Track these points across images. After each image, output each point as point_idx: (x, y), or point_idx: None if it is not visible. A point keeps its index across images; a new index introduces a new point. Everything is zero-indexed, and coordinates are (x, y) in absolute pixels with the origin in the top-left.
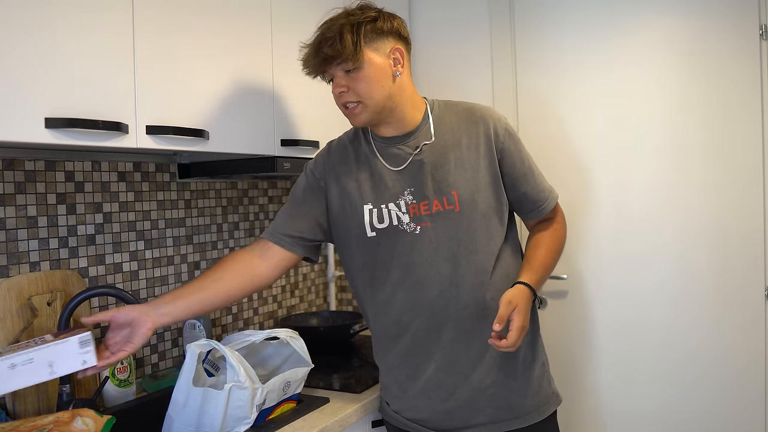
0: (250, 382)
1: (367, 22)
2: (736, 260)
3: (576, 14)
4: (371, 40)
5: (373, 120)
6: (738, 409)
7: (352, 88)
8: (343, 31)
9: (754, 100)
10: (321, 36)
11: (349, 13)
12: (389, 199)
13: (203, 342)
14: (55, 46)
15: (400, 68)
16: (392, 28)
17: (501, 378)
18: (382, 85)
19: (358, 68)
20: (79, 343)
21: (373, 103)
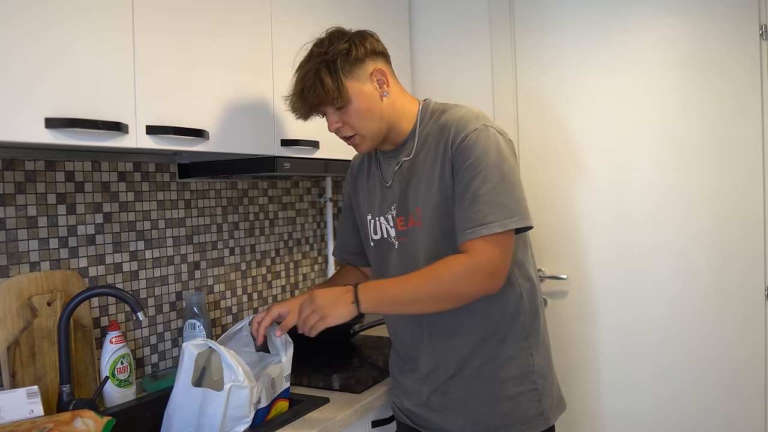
0: (249, 381)
1: (341, 56)
2: (735, 260)
3: (576, 13)
4: (350, 72)
5: (376, 144)
6: (738, 409)
7: (346, 123)
8: (321, 75)
9: (754, 100)
10: (301, 85)
11: (321, 52)
12: (381, 213)
13: (200, 342)
14: (56, 46)
15: (386, 87)
16: (366, 52)
17: (473, 391)
18: (373, 113)
19: (346, 105)
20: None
21: (369, 132)
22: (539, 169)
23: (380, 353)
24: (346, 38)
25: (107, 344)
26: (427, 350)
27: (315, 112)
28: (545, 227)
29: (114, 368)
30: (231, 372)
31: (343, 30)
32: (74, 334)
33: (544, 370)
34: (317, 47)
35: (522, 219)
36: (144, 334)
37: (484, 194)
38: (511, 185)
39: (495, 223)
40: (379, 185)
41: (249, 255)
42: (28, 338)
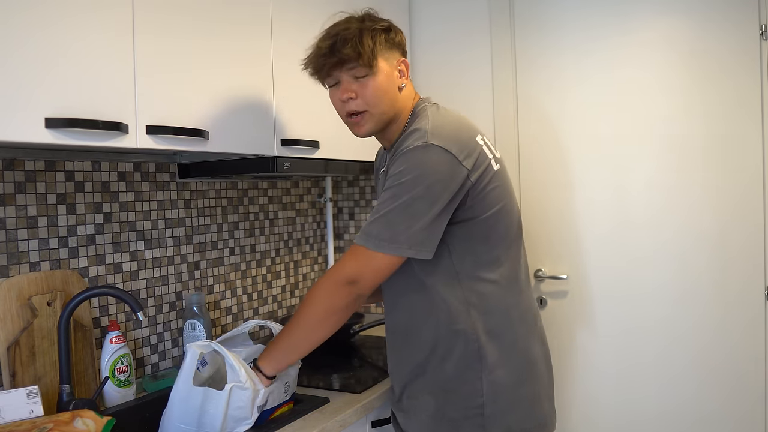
0: (251, 383)
1: (382, 31)
2: (736, 260)
3: (576, 13)
4: (384, 49)
5: (376, 130)
6: (738, 409)
7: (360, 95)
8: (363, 35)
9: (754, 100)
10: (337, 36)
11: (362, 19)
12: None
13: (204, 343)
14: (56, 46)
15: (405, 80)
16: (401, 42)
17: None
18: (389, 96)
19: (370, 75)
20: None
21: (378, 111)
22: (539, 168)
23: (380, 353)
24: (385, 20)
25: (107, 344)
26: (392, 345)
27: (338, 69)
28: (545, 227)
29: (114, 368)
30: (233, 373)
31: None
32: (74, 334)
33: (498, 397)
34: (358, 16)
35: (398, 248)
36: (144, 334)
37: (384, 208)
38: (410, 212)
39: (372, 239)
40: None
41: (249, 255)
42: (28, 338)
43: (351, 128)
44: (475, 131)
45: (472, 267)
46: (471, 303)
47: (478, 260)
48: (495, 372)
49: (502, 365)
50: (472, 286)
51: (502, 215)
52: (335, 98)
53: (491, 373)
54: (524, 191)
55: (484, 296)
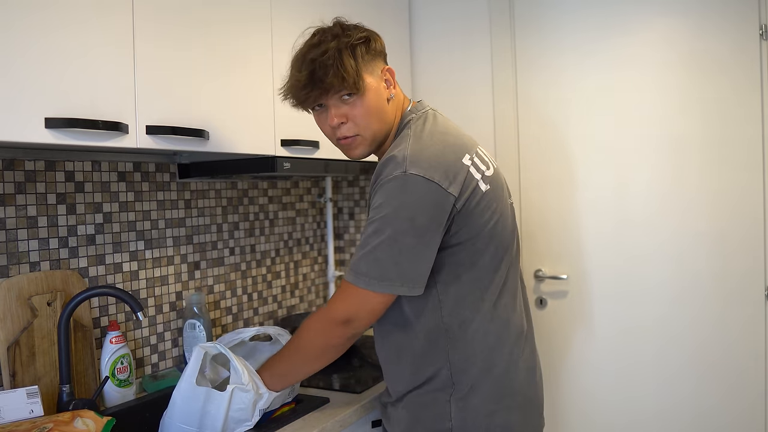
0: (254, 385)
1: (361, 43)
2: (736, 260)
3: (576, 14)
4: (368, 62)
5: (369, 152)
6: (738, 409)
7: (350, 118)
8: (342, 56)
9: (753, 100)
10: (315, 63)
11: (336, 34)
12: None
13: (210, 344)
14: (56, 46)
15: (392, 89)
16: (382, 49)
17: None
18: (379, 112)
19: (357, 96)
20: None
21: (371, 133)
22: (539, 169)
23: None
24: (360, 29)
25: (107, 344)
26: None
27: (321, 99)
28: (545, 227)
29: (114, 368)
30: (236, 375)
31: (349, 22)
32: (74, 334)
33: (467, 424)
34: (330, 31)
35: (390, 286)
36: (144, 334)
37: (369, 244)
38: (397, 247)
39: (362, 278)
40: None
41: (249, 255)
42: (28, 338)
43: (343, 151)
44: (462, 150)
45: (456, 294)
46: (450, 330)
47: (462, 287)
48: (466, 399)
49: (474, 393)
50: (454, 313)
51: (490, 238)
52: (323, 123)
53: (461, 399)
54: (524, 191)
55: (465, 323)
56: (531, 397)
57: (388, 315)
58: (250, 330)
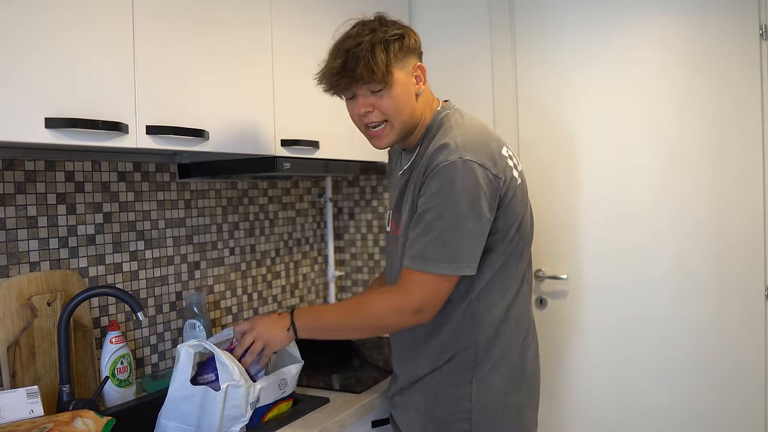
0: (244, 380)
1: (395, 40)
2: (735, 260)
3: (576, 16)
4: (399, 58)
5: (397, 140)
6: (738, 409)
7: (378, 108)
8: (375, 50)
9: (754, 100)
10: (348, 54)
11: (373, 29)
12: (389, 207)
13: (194, 342)
14: (56, 46)
15: (422, 86)
16: (416, 46)
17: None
18: (407, 106)
19: (385, 89)
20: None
21: (399, 122)
22: (539, 170)
23: (380, 353)
24: (398, 25)
25: (107, 344)
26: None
27: (353, 86)
28: (545, 228)
29: (114, 368)
30: (226, 372)
31: (389, 17)
32: (74, 334)
33: (486, 404)
34: (369, 24)
35: (458, 267)
36: (144, 334)
37: (433, 229)
38: (461, 230)
39: (431, 262)
40: (395, 181)
41: (249, 255)
42: (28, 338)
43: (371, 141)
44: (500, 143)
45: (487, 279)
46: (478, 314)
47: (492, 273)
48: (486, 379)
49: (494, 374)
50: (483, 297)
51: (519, 228)
52: (352, 111)
53: (482, 380)
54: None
55: (491, 307)
56: (537, 382)
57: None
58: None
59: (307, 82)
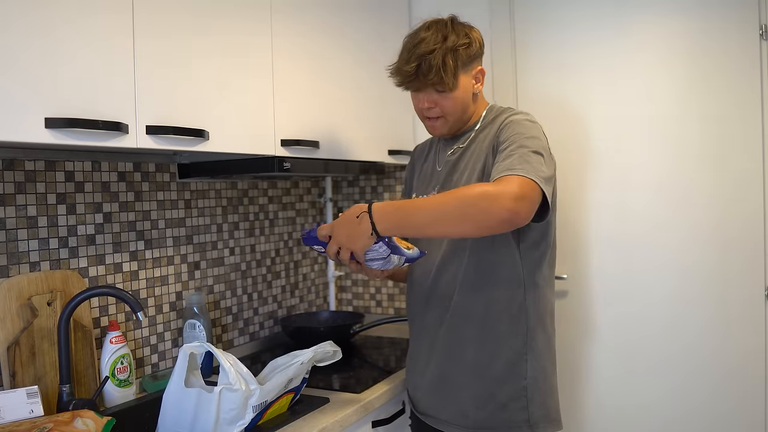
0: (244, 384)
1: (464, 48)
2: (736, 260)
3: (576, 15)
4: (465, 64)
5: (451, 132)
6: (739, 409)
7: (439, 105)
8: (446, 60)
9: (754, 100)
10: (422, 60)
11: (445, 36)
12: (424, 192)
13: (196, 344)
14: (56, 46)
15: (480, 87)
16: (481, 51)
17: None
18: (465, 105)
19: (449, 92)
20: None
21: (454, 119)
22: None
23: (380, 353)
24: (466, 31)
25: (107, 344)
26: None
27: (420, 87)
28: None
29: (114, 368)
30: (223, 374)
31: (458, 19)
32: (74, 334)
33: (538, 378)
34: (441, 30)
35: (548, 189)
36: (144, 334)
37: (516, 153)
38: (541, 159)
39: (521, 169)
40: (432, 168)
41: (249, 255)
42: (28, 338)
43: (427, 128)
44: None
45: (533, 262)
46: (530, 287)
47: (539, 254)
48: (536, 357)
49: (544, 353)
50: (531, 279)
51: (554, 213)
52: (416, 102)
53: (535, 359)
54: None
55: (537, 287)
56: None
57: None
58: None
59: (308, 81)
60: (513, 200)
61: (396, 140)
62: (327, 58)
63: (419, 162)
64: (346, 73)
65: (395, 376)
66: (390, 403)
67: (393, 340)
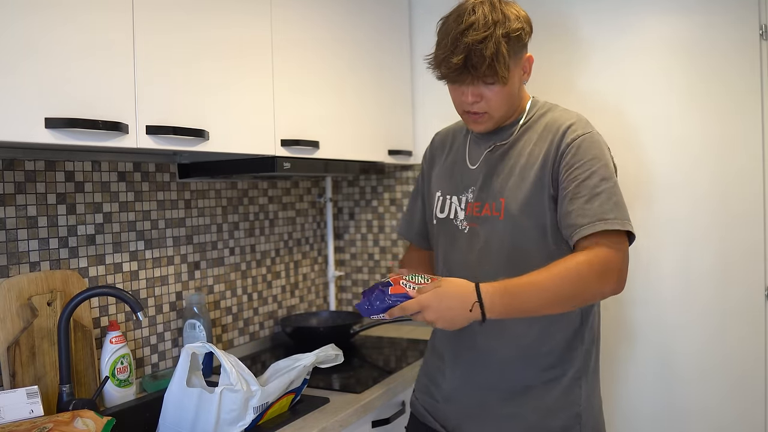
0: (245, 384)
1: (516, 36)
2: (736, 260)
3: (577, 16)
4: (515, 53)
5: (492, 128)
6: (739, 409)
7: (486, 99)
8: (499, 50)
9: (754, 100)
10: (470, 50)
11: (496, 20)
12: (455, 192)
13: (198, 344)
14: (56, 46)
15: (527, 77)
16: (529, 37)
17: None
18: (511, 98)
19: (499, 84)
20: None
21: (499, 114)
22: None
23: (380, 353)
24: (516, 12)
25: (107, 344)
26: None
27: (472, 82)
28: None
29: (114, 368)
30: (225, 375)
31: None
32: (74, 334)
33: (590, 399)
34: (492, 13)
35: (631, 225)
36: (144, 334)
37: (603, 191)
38: (619, 191)
39: (615, 220)
40: (460, 164)
41: (249, 255)
42: (28, 338)
43: (468, 123)
44: None
45: None
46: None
47: None
48: (588, 378)
49: (587, 374)
50: None
51: None
52: (455, 93)
53: (586, 379)
54: None
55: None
56: None
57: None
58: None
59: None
60: (618, 277)
61: (396, 140)
62: (327, 58)
63: (440, 153)
64: (346, 73)
65: (395, 376)
66: (390, 403)
67: (393, 340)
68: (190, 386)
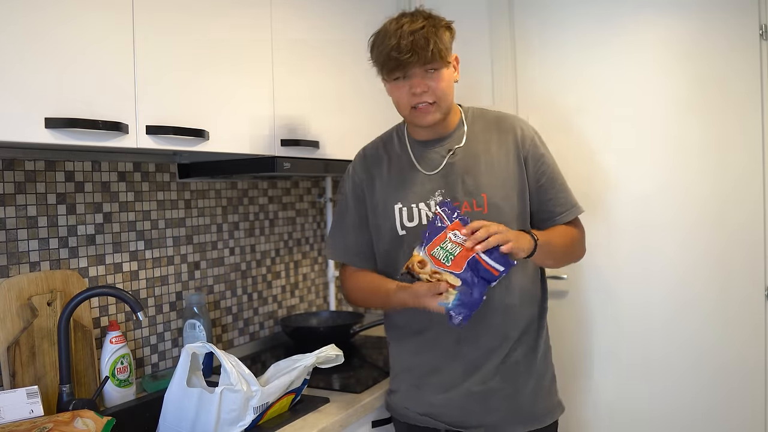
0: (245, 385)
1: (446, 26)
2: (736, 260)
3: (576, 16)
4: (449, 44)
5: (440, 120)
6: (738, 409)
7: (432, 89)
8: (439, 32)
9: (754, 100)
10: (415, 35)
11: (426, 16)
12: (419, 199)
13: (199, 345)
14: (56, 46)
15: (458, 75)
16: (453, 40)
17: (517, 381)
18: (451, 89)
19: (440, 69)
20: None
21: (445, 104)
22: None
23: (380, 353)
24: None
25: (107, 344)
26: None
27: (412, 68)
28: None
29: (114, 368)
30: (225, 375)
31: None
32: (74, 334)
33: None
34: (420, 14)
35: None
36: (144, 334)
37: (563, 181)
38: None
39: (579, 207)
40: (411, 172)
41: (249, 255)
42: (28, 338)
43: (416, 119)
44: None
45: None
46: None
47: None
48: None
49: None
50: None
51: None
52: (401, 91)
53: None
54: None
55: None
56: None
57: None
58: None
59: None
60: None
61: None
62: (327, 58)
63: (377, 166)
64: (345, 73)
65: None
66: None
67: None
68: (191, 386)
